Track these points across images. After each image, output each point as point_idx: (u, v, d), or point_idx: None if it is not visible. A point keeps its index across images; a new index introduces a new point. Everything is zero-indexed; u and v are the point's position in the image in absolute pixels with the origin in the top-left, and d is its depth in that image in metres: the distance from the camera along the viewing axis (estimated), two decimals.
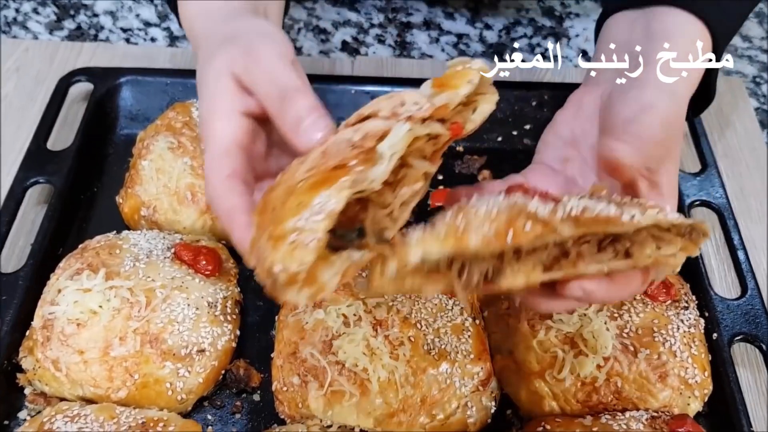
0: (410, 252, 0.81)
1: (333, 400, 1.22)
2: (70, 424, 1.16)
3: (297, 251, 0.76)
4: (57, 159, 1.54)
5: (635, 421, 1.18)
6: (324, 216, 0.76)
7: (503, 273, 0.85)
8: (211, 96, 1.00)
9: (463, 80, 0.88)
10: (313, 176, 0.80)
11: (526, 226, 0.81)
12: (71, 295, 1.25)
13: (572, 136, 1.13)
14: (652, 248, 0.88)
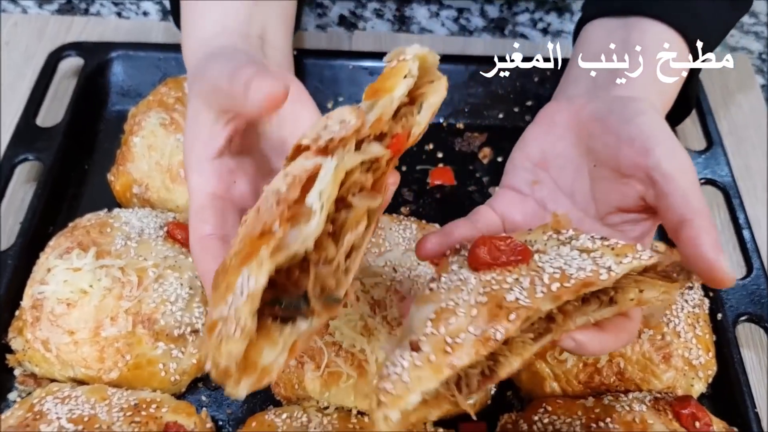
0: (409, 397, 0.77)
1: (330, 382, 1.19)
2: (60, 406, 1.14)
3: (224, 344, 0.69)
4: (46, 136, 1.50)
5: (638, 402, 1.16)
6: (245, 300, 0.69)
7: (499, 364, 0.83)
8: (187, 146, 1.00)
9: (398, 78, 0.81)
10: (242, 249, 0.74)
11: (510, 316, 0.79)
12: (61, 274, 1.22)
13: (542, 156, 1.08)
14: (635, 292, 0.85)
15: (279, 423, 1.16)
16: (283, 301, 0.76)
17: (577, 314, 0.84)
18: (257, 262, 0.70)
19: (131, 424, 1.12)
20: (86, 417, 1.12)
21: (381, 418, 0.78)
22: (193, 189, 0.98)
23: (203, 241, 0.94)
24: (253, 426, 1.16)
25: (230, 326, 0.69)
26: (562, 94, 1.16)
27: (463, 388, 0.82)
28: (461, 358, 0.77)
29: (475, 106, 1.66)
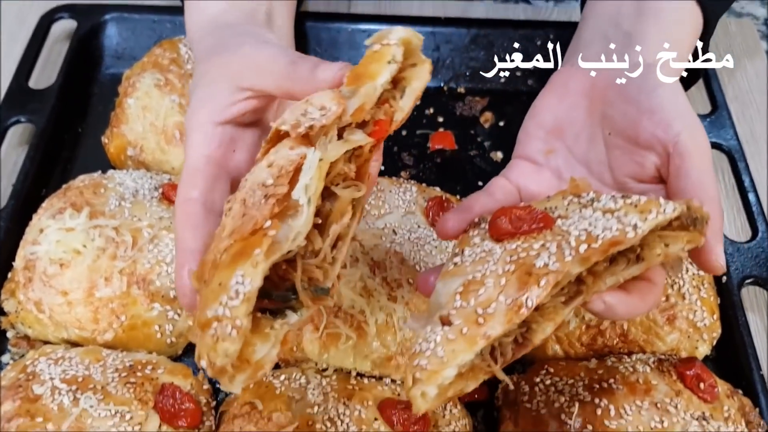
0: (445, 371, 0.76)
1: (329, 343, 1.17)
2: (53, 367, 1.12)
3: (219, 344, 0.70)
4: (39, 98, 1.47)
5: (642, 363, 1.14)
6: (241, 300, 0.70)
7: (532, 330, 0.81)
8: (193, 107, 0.98)
9: (382, 63, 0.79)
10: (232, 246, 0.74)
11: (540, 283, 0.77)
12: (53, 234, 1.20)
13: (556, 124, 1.05)
14: (661, 247, 0.83)
15: (277, 384, 1.14)
16: (272, 294, 0.77)
17: (607, 275, 0.82)
18: (252, 263, 0.71)
19: (126, 385, 1.10)
20: (80, 377, 1.10)
21: (418, 395, 0.76)
22: (190, 147, 0.96)
23: (187, 204, 0.92)
24: (251, 387, 1.14)
25: (226, 326, 0.70)
26: (576, 58, 1.10)
27: (498, 357, 0.80)
28: (494, 328, 0.76)
29: (476, 70, 1.63)
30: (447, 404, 1.14)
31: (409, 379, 0.78)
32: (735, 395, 1.15)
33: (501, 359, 0.80)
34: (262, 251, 0.71)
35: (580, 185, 0.91)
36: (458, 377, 0.78)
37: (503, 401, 1.17)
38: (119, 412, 1.06)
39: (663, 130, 0.91)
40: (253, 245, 0.72)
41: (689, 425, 1.06)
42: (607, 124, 1.00)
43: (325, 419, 1.08)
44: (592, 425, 1.06)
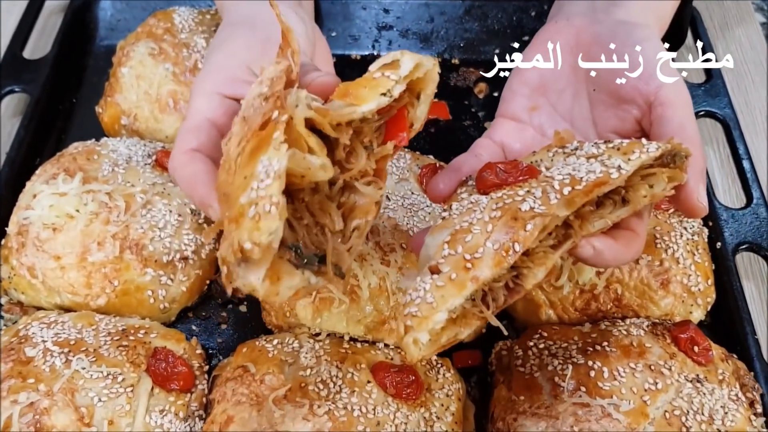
0: (435, 315, 0.76)
1: (321, 308, 1.17)
2: (46, 330, 1.12)
3: (262, 222, 0.69)
4: (34, 67, 1.47)
5: (636, 327, 1.14)
6: (273, 179, 0.69)
7: (523, 276, 0.81)
8: (206, 71, 0.97)
9: (375, 92, 0.78)
10: (246, 146, 0.74)
11: (527, 226, 0.77)
12: (46, 199, 1.20)
13: (540, 81, 1.05)
14: (645, 188, 0.84)
15: (270, 348, 1.14)
16: (300, 251, 0.77)
17: (594, 218, 0.82)
18: (274, 146, 0.70)
19: (119, 348, 1.10)
20: (72, 340, 1.10)
21: (410, 343, 0.77)
22: (193, 109, 0.95)
23: (187, 154, 0.91)
24: (244, 351, 1.14)
25: (264, 205, 0.69)
26: (560, 14, 1.12)
27: (490, 303, 0.81)
28: (483, 272, 0.76)
29: (470, 41, 1.62)
30: (440, 368, 1.14)
31: (401, 328, 0.78)
32: (729, 359, 1.15)
33: (493, 305, 0.80)
34: (280, 132, 0.70)
35: (564, 137, 0.91)
36: (450, 323, 0.78)
37: (497, 366, 1.17)
38: (111, 374, 1.06)
39: (645, 82, 0.92)
40: (268, 135, 0.71)
41: (683, 387, 1.06)
42: (591, 79, 1.00)
43: (318, 382, 1.07)
44: (585, 387, 1.05)
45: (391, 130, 0.84)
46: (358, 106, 0.77)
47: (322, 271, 0.80)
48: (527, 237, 0.76)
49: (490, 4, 1.62)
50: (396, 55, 0.81)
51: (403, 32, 1.64)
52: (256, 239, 0.69)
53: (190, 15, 1.50)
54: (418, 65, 0.82)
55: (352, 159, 0.81)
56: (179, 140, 0.93)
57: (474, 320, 0.80)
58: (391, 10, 1.66)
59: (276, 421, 1.02)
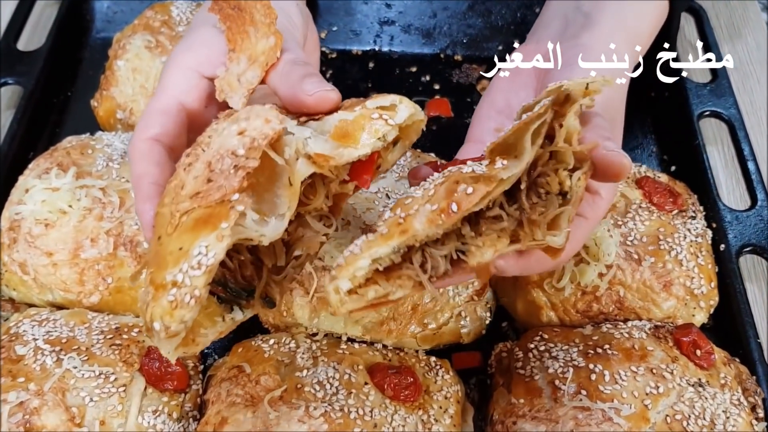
0: (357, 261, 0.74)
1: (319, 308, 1.15)
2: (37, 328, 1.10)
3: (177, 310, 0.71)
4: (28, 59, 1.45)
5: (638, 330, 1.12)
6: (203, 272, 0.71)
7: (469, 251, 0.77)
8: (187, 45, 0.94)
9: (371, 137, 0.81)
10: (195, 210, 0.74)
11: (467, 190, 0.74)
12: (39, 194, 1.17)
13: (506, 104, 1.06)
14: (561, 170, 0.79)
15: (266, 348, 1.12)
16: (229, 285, 0.80)
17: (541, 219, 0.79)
18: (217, 236, 0.71)
19: (111, 347, 1.08)
20: (64, 339, 1.08)
21: (331, 291, 0.75)
22: (165, 84, 0.91)
23: (147, 143, 0.88)
24: (240, 351, 1.12)
25: (185, 294, 0.71)
26: (533, 37, 1.13)
27: (429, 270, 0.77)
28: (413, 225, 0.73)
29: (473, 38, 1.60)
30: (439, 370, 1.12)
31: (326, 280, 0.76)
32: (732, 363, 1.13)
33: (432, 272, 0.77)
34: (229, 225, 0.72)
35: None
36: (382, 279, 0.76)
37: (496, 368, 1.15)
38: (103, 373, 1.04)
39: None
40: (219, 216, 0.72)
41: (685, 391, 1.05)
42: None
43: (314, 383, 1.06)
44: (586, 390, 1.04)
45: (357, 169, 0.84)
46: (355, 150, 0.80)
47: (251, 304, 0.83)
48: (467, 199, 0.73)
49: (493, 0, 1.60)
50: (394, 100, 0.83)
51: (405, 27, 1.62)
52: (166, 323, 0.72)
53: (188, 7, 1.47)
54: (412, 116, 0.83)
55: (311, 195, 0.82)
56: (143, 120, 0.90)
57: (408, 283, 0.77)
58: (393, 5, 1.64)
59: (271, 423, 1.00)
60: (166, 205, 0.77)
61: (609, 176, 0.80)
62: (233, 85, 0.89)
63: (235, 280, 0.81)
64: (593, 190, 0.89)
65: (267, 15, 0.90)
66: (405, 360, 1.13)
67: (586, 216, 0.88)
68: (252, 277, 0.81)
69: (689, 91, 1.43)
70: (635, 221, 1.21)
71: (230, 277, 0.80)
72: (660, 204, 1.24)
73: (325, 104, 0.83)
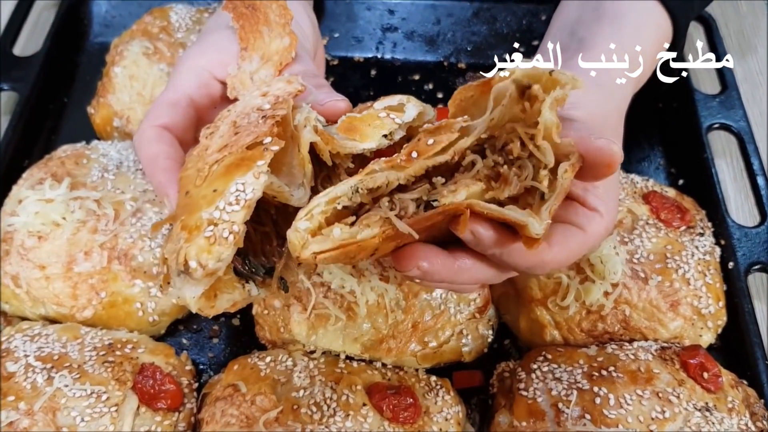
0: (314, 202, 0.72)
1: (317, 324, 1.12)
2: (29, 344, 1.07)
3: (215, 246, 0.69)
4: (24, 65, 1.42)
5: (644, 351, 1.09)
6: (242, 206, 0.69)
7: (441, 195, 0.74)
8: (201, 47, 0.93)
9: (377, 133, 0.79)
10: (226, 158, 0.72)
11: (428, 141, 0.74)
12: (32, 205, 1.15)
13: None
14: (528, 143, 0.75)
15: (263, 366, 1.09)
16: (249, 258, 0.78)
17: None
18: (254, 173, 0.70)
19: (104, 364, 1.06)
20: (56, 355, 1.06)
21: (291, 233, 0.71)
22: (176, 81, 0.90)
23: (156, 129, 0.86)
24: (235, 369, 1.10)
25: (223, 230, 0.69)
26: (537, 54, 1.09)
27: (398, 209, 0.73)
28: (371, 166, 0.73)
29: (478, 45, 1.57)
30: (439, 390, 1.10)
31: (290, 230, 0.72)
32: (740, 385, 1.10)
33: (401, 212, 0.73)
34: (265, 162, 0.70)
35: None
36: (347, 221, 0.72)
37: (498, 388, 1.13)
38: (95, 392, 1.02)
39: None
40: (252, 158, 0.71)
41: (691, 416, 1.02)
42: None
43: (311, 404, 1.03)
44: (590, 415, 1.01)
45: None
46: (360, 143, 0.78)
47: (267, 283, 0.80)
48: (427, 148, 0.74)
49: (499, 6, 1.58)
50: (402, 99, 0.81)
51: (409, 34, 1.58)
52: (203, 261, 0.68)
53: (188, 13, 1.44)
54: (421, 114, 0.81)
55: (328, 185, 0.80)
56: (151, 111, 0.89)
57: (376, 221, 0.72)
58: (396, 11, 1.61)
59: None
60: (190, 169, 0.76)
61: (599, 168, 0.75)
62: (245, 83, 0.89)
63: (255, 254, 0.79)
64: (591, 207, 0.85)
65: (282, 15, 0.90)
66: (404, 379, 1.10)
67: (582, 227, 0.83)
68: (272, 253, 0.80)
69: (698, 103, 1.40)
70: (642, 238, 1.18)
71: (251, 250, 0.78)
72: (668, 220, 1.21)
73: (336, 113, 0.83)
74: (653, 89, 1.16)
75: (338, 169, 0.80)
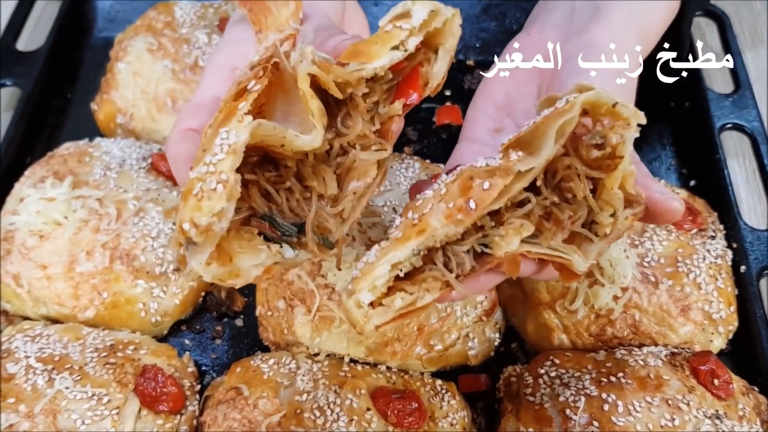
0: (375, 269, 0.69)
1: (321, 326, 1.11)
2: (30, 344, 1.06)
3: (204, 201, 0.64)
4: (27, 60, 1.41)
5: (653, 357, 1.08)
6: (226, 152, 0.64)
7: (493, 242, 0.72)
8: (222, 45, 0.91)
9: (385, 47, 0.71)
10: (217, 117, 0.68)
11: (483, 185, 0.69)
12: (33, 204, 1.14)
13: (506, 100, 0.99)
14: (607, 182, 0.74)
15: (266, 369, 1.08)
16: (277, 220, 0.72)
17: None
18: (237, 118, 0.65)
19: (105, 366, 1.05)
20: (57, 357, 1.04)
21: (353, 307, 0.69)
22: (202, 84, 0.89)
23: (182, 133, 0.85)
24: (238, 371, 1.08)
25: (210, 182, 0.64)
26: (536, 24, 1.05)
27: (455, 268, 0.72)
28: (430, 224, 0.69)
29: (486, 42, 1.55)
30: (445, 394, 1.08)
31: (344, 295, 0.71)
32: (751, 392, 1.08)
33: (458, 270, 0.72)
34: (248, 103, 0.66)
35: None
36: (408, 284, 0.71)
37: (505, 393, 1.11)
38: (96, 395, 1.01)
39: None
40: (238, 107, 0.67)
41: (701, 424, 1.00)
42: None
43: (314, 408, 1.02)
44: (598, 422, 0.99)
45: (402, 88, 0.77)
46: (368, 63, 0.71)
47: (303, 242, 0.73)
48: (484, 194, 0.68)
49: (508, 3, 1.56)
50: (407, 4, 0.73)
51: None
52: (196, 219, 0.64)
53: (192, 8, 1.43)
54: (434, 13, 0.73)
55: (350, 122, 0.74)
56: (180, 116, 0.87)
57: (435, 284, 0.72)
58: None
59: None
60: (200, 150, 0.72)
61: (658, 220, 0.80)
62: None
63: (282, 215, 0.73)
64: None
65: None
66: (410, 383, 1.09)
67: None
68: (302, 209, 0.73)
69: (710, 103, 1.38)
70: (653, 241, 1.16)
71: (277, 212, 0.73)
72: (679, 223, 1.19)
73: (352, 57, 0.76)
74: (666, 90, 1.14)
75: (354, 99, 0.74)
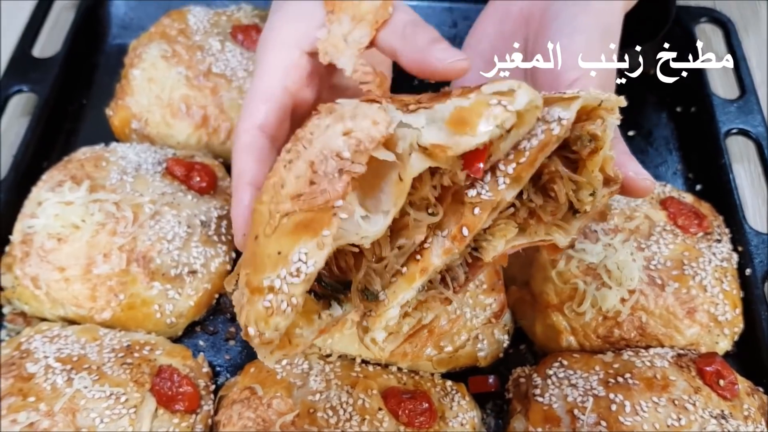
0: (387, 312, 0.76)
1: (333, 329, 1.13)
2: (48, 345, 1.08)
3: (273, 317, 0.69)
4: (43, 67, 1.43)
5: (660, 358, 1.09)
6: (301, 280, 0.68)
7: (482, 249, 0.78)
8: (283, 20, 0.89)
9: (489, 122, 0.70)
10: (296, 214, 0.70)
11: (474, 210, 0.74)
12: (52, 207, 1.16)
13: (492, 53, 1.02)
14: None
15: (279, 369, 1.10)
16: (324, 281, 0.76)
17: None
18: (318, 244, 0.68)
19: (123, 366, 1.07)
20: (75, 357, 1.06)
21: (370, 344, 0.77)
22: (265, 69, 0.87)
23: (250, 134, 0.85)
24: (252, 372, 1.10)
25: (282, 301, 0.69)
26: None
27: (450, 283, 0.79)
28: (431, 261, 0.75)
29: None
30: (455, 395, 1.10)
31: (361, 331, 0.78)
32: (756, 393, 1.10)
33: (455, 284, 0.79)
34: (331, 233, 0.68)
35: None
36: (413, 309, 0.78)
37: (514, 393, 1.13)
38: (114, 394, 1.03)
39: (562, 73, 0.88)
40: (321, 222, 0.69)
41: (707, 424, 1.02)
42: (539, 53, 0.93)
43: (327, 408, 1.04)
44: (606, 422, 1.01)
45: (468, 159, 0.75)
46: (472, 138, 0.70)
47: (349, 297, 0.77)
48: (475, 220, 0.74)
49: None
50: (512, 84, 0.73)
51: None
52: (261, 329, 0.70)
53: (205, 16, 1.45)
54: (531, 103, 0.73)
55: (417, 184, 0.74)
56: (246, 108, 0.87)
57: (435, 303, 0.79)
58: None
59: None
60: (265, 203, 0.74)
61: (632, 195, 0.84)
62: (339, 46, 0.86)
63: (330, 273, 0.76)
64: None
65: None
66: (420, 384, 1.11)
67: None
68: (348, 268, 0.76)
69: (716, 108, 1.40)
70: (659, 244, 1.18)
71: (325, 271, 0.75)
72: (685, 226, 1.21)
73: (455, 74, 0.80)
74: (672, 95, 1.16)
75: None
